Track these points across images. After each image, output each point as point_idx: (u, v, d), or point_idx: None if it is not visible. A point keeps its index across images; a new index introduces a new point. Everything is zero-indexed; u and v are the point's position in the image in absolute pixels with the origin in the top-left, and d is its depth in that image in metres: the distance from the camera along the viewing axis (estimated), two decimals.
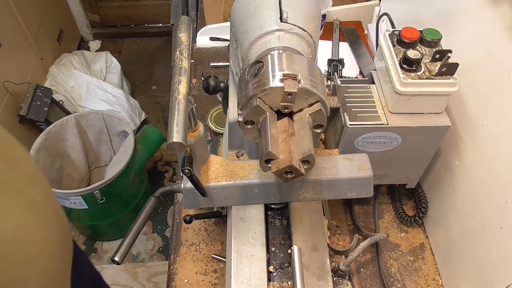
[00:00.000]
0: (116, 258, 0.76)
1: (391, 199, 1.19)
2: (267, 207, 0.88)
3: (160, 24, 3.39)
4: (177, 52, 0.71)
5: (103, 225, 2.17)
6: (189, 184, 0.80)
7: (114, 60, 2.78)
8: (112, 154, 2.30)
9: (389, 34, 0.94)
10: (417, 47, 0.91)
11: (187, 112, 0.64)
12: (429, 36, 0.90)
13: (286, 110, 0.67)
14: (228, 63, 0.94)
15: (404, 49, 0.90)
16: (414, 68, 0.87)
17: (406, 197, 1.19)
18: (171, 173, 2.62)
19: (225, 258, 1.01)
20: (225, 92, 0.91)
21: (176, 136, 0.60)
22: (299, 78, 0.64)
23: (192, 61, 1.56)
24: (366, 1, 1.66)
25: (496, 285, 0.82)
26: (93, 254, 2.28)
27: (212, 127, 1.28)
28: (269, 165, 0.66)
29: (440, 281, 1.05)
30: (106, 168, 2.30)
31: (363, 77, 1.42)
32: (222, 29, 1.61)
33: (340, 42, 1.56)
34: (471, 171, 0.92)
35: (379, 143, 0.93)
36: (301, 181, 0.82)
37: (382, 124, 0.90)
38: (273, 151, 0.63)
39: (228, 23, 0.84)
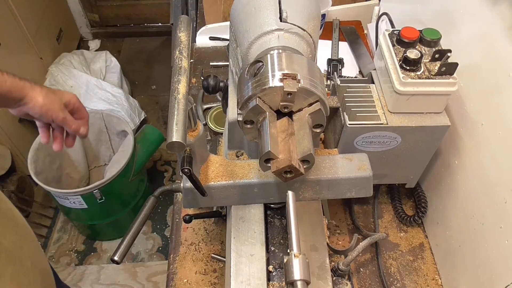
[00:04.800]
0: (116, 258, 0.76)
1: (390, 198, 1.19)
2: (266, 207, 0.89)
3: (160, 24, 3.39)
4: (177, 52, 0.71)
5: (102, 225, 2.17)
6: (188, 184, 0.80)
7: (114, 59, 2.77)
8: (111, 154, 2.30)
9: (389, 34, 0.94)
10: (417, 47, 0.91)
11: (187, 111, 0.64)
12: (428, 36, 0.90)
13: (286, 110, 0.67)
14: (227, 63, 0.94)
15: (404, 49, 0.90)
16: (413, 67, 0.87)
17: (406, 197, 1.19)
18: (170, 173, 2.63)
19: (224, 257, 1.01)
20: (225, 92, 0.91)
21: (176, 135, 0.60)
22: (298, 78, 0.64)
23: (191, 60, 1.56)
24: (366, 0, 1.66)
25: (495, 284, 0.82)
26: (92, 253, 2.28)
27: (212, 126, 1.28)
28: (269, 165, 0.66)
29: (440, 280, 1.05)
30: (105, 167, 2.30)
31: (363, 76, 1.42)
32: (221, 29, 1.60)
33: (339, 42, 1.56)
34: (470, 171, 0.92)
35: (379, 142, 0.93)
36: (301, 181, 0.82)
37: (382, 123, 0.90)
38: (272, 150, 0.63)
39: (227, 23, 0.84)
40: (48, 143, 1.00)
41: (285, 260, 0.61)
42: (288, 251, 0.63)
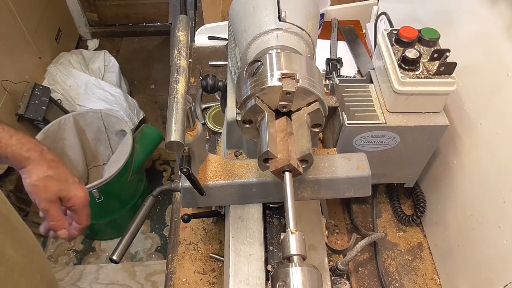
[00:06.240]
0: (114, 257, 0.76)
1: (389, 198, 1.19)
2: (265, 206, 0.88)
3: (159, 23, 3.39)
4: (176, 51, 0.71)
5: (101, 224, 2.17)
6: (187, 183, 0.80)
7: (112, 59, 2.77)
8: (110, 153, 2.30)
9: (388, 33, 0.94)
10: (416, 47, 0.91)
11: (185, 111, 0.64)
12: (427, 35, 0.90)
13: (285, 109, 0.67)
14: (226, 62, 0.94)
15: (403, 49, 0.90)
16: (412, 67, 0.87)
17: (404, 196, 1.19)
18: (169, 172, 2.62)
19: (223, 257, 1.01)
20: (223, 91, 0.90)
21: (174, 135, 0.60)
22: (297, 77, 0.64)
23: (190, 60, 1.56)
24: (365, 0, 1.66)
25: (494, 283, 0.82)
26: (91, 253, 2.28)
27: (211, 126, 1.28)
28: (267, 164, 0.66)
29: (438, 280, 1.05)
30: (104, 167, 2.29)
31: (362, 76, 1.42)
32: (220, 28, 1.60)
33: (338, 41, 1.55)
34: (469, 170, 0.92)
35: (377, 142, 0.93)
36: (300, 180, 0.82)
37: (380, 123, 0.90)
38: (271, 150, 0.63)
39: (226, 22, 0.84)
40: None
41: (282, 237, 0.61)
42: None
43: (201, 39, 1.63)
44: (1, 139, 0.77)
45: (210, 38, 1.62)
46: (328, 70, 1.45)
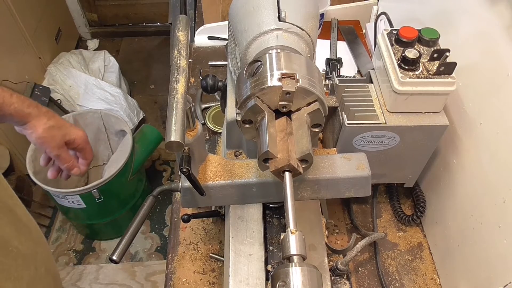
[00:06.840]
0: (114, 257, 0.76)
1: (389, 198, 1.19)
2: (265, 206, 0.88)
3: (158, 23, 3.39)
4: (175, 51, 0.71)
5: (101, 224, 2.17)
6: (187, 183, 0.80)
7: (112, 59, 2.77)
8: (110, 153, 2.30)
9: (387, 33, 0.94)
10: (415, 46, 0.91)
11: (185, 111, 0.64)
12: (427, 35, 0.90)
13: (284, 109, 0.67)
14: (226, 62, 0.94)
15: (402, 48, 0.90)
16: (412, 67, 0.87)
17: (404, 196, 1.19)
18: (169, 172, 2.62)
19: (223, 257, 1.01)
20: (223, 91, 0.90)
21: (174, 135, 0.60)
22: (297, 77, 0.64)
23: (190, 60, 1.56)
24: (364, 0, 1.66)
25: (494, 283, 0.82)
26: (91, 253, 2.28)
27: (211, 126, 1.28)
28: (267, 164, 0.66)
29: (438, 280, 1.05)
30: (104, 167, 2.29)
31: (361, 76, 1.42)
32: (220, 28, 1.60)
33: (338, 41, 1.55)
34: (469, 170, 0.92)
35: (377, 142, 0.93)
36: (299, 180, 0.82)
37: (380, 123, 0.90)
38: (271, 150, 0.63)
39: (226, 22, 0.84)
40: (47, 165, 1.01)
41: (282, 237, 0.62)
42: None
43: (201, 39, 1.63)
44: (4, 98, 0.84)
45: (210, 38, 1.62)
46: (328, 70, 1.45)
